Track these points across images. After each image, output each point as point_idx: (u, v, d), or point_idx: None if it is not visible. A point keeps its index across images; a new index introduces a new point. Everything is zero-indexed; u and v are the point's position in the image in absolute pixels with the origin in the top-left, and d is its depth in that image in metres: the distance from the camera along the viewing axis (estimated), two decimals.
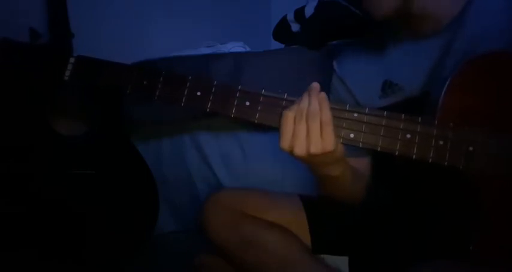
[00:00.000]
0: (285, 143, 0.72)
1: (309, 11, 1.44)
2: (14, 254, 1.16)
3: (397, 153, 0.71)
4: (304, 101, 0.71)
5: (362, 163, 0.97)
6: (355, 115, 0.72)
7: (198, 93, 0.76)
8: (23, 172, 1.18)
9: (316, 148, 0.71)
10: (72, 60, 0.79)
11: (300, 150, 0.71)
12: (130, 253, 1.28)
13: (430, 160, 0.71)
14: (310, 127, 0.70)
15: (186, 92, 0.76)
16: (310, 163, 0.78)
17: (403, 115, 0.72)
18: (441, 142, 0.71)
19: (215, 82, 0.75)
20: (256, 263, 0.92)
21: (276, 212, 0.98)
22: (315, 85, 0.73)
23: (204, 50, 1.56)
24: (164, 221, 1.49)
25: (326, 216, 0.98)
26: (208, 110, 0.76)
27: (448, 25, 0.86)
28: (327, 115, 0.71)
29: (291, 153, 0.72)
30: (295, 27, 1.49)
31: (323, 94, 0.72)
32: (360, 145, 0.72)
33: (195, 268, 1.03)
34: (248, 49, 1.58)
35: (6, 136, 1.20)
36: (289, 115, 0.71)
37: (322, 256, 0.97)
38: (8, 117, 1.20)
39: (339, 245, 0.99)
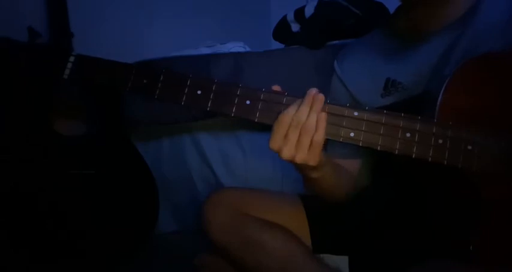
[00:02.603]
0: (275, 144, 0.73)
1: (309, 11, 1.44)
2: (14, 254, 1.16)
3: (396, 152, 0.71)
4: (303, 112, 0.71)
5: (351, 165, 0.97)
6: (356, 113, 0.72)
7: (199, 92, 0.75)
8: (23, 172, 1.18)
9: (301, 159, 0.72)
10: (71, 58, 0.78)
11: (287, 154, 0.72)
12: (130, 253, 1.28)
13: (430, 159, 0.71)
14: (301, 139, 0.72)
15: (186, 91, 0.75)
16: (293, 164, 0.78)
17: (402, 113, 0.72)
18: (440, 141, 0.71)
19: (216, 81, 0.75)
20: (257, 263, 0.92)
21: (276, 212, 0.98)
22: (321, 98, 0.72)
23: (204, 50, 1.56)
24: (164, 221, 1.49)
25: (326, 216, 0.98)
26: (208, 109, 0.75)
27: (453, 24, 0.86)
28: (320, 136, 0.72)
29: (278, 154, 0.73)
30: (295, 27, 1.49)
31: (323, 115, 0.72)
32: (360, 144, 0.72)
33: (195, 268, 1.03)
34: (248, 49, 1.58)
35: (6, 137, 1.20)
36: (284, 121, 0.72)
37: (322, 255, 0.97)
38: (8, 117, 1.20)
39: (339, 245, 0.99)
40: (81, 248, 1.22)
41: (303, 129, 0.71)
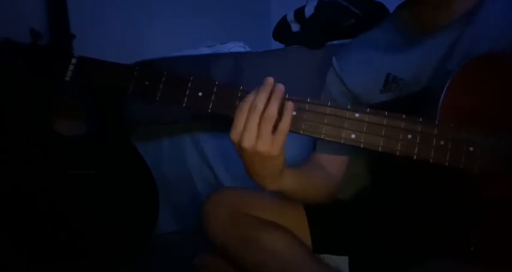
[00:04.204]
0: (235, 135, 0.70)
1: (309, 11, 1.44)
2: (14, 254, 1.16)
3: (398, 153, 0.71)
4: (261, 99, 0.69)
5: (335, 162, 0.97)
6: (357, 115, 0.72)
7: (200, 94, 0.75)
8: (23, 172, 1.18)
9: (262, 148, 0.69)
10: (73, 60, 0.78)
11: (247, 143, 0.69)
12: (130, 253, 1.28)
13: (431, 161, 0.70)
14: (261, 127, 0.69)
15: (187, 93, 0.75)
16: (250, 167, 0.76)
17: (404, 115, 0.71)
18: (442, 143, 0.70)
19: (217, 83, 0.75)
20: (256, 263, 0.92)
21: (276, 212, 0.98)
22: (280, 87, 0.71)
23: (204, 50, 1.56)
24: (164, 221, 1.49)
25: (326, 216, 0.98)
26: (209, 111, 0.75)
27: (457, 21, 0.86)
28: (286, 125, 0.69)
29: (238, 146, 0.71)
30: (295, 27, 1.49)
31: (289, 104, 0.70)
32: (362, 146, 0.71)
33: (195, 268, 1.03)
34: (248, 49, 1.58)
35: (6, 137, 1.20)
36: (243, 108, 0.70)
37: (322, 255, 0.97)
38: (8, 117, 1.20)
39: (339, 245, 0.99)
40: (81, 248, 1.22)
41: (262, 116, 0.69)
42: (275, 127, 0.70)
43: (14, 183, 1.17)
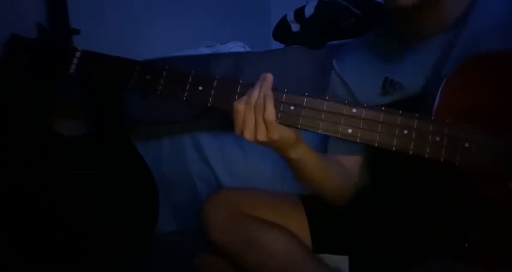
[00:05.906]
0: (238, 130, 0.76)
1: (309, 11, 1.44)
2: (14, 254, 1.16)
3: (394, 149, 0.72)
4: (254, 94, 0.75)
5: (353, 163, 0.97)
6: (354, 111, 0.72)
7: (200, 88, 0.77)
8: (23, 172, 1.18)
9: (262, 137, 0.75)
10: (77, 54, 0.80)
11: (248, 136, 0.75)
12: (130, 253, 1.28)
13: (427, 156, 0.71)
14: (257, 119, 0.74)
15: (187, 87, 0.77)
16: (269, 147, 0.80)
17: (400, 111, 0.72)
18: (437, 138, 0.71)
19: (217, 77, 0.76)
20: (257, 263, 0.92)
21: (276, 212, 0.98)
22: (268, 77, 0.77)
23: (204, 50, 1.56)
24: (164, 221, 1.49)
25: (326, 216, 0.98)
26: (209, 105, 0.77)
27: (450, 24, 0.86)
28: (269, 114, 0.74)
29: (243, 137, 0.76)
30: (295, 27, 1.49)
31: (269, 93, 0.75)
32: (358, 141, 0.72)
33: (195, 268, 1.03)
34: (248, 49, 1.58)
35: (6, 137, 1.20)
36: (239, 107, 0.75)
37: (322, 255, 0.97)
38: (8, 117, 1.20)
39: (339, 245, 0.99)
40: (81, 248, 1.22)
41: (255, 108, 0.74)
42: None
43: (14, 183, 1.17)
